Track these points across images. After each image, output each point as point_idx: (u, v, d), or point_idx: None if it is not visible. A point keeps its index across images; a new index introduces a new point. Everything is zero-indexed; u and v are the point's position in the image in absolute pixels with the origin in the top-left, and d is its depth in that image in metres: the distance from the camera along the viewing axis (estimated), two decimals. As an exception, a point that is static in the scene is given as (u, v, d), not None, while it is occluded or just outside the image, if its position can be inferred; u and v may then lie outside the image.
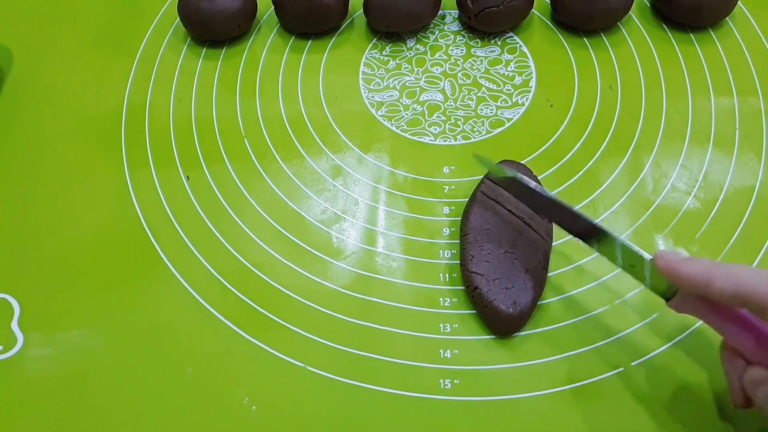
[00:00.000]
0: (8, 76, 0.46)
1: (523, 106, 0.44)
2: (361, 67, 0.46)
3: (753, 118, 0.43)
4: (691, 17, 0.46)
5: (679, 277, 0.28)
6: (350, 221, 0.39)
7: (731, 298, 0.26)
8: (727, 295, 0.26)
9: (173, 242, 0.38)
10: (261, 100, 0.45)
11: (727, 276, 0.26)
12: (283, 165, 0.41)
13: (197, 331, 0.35)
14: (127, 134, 0.43)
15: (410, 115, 0.44)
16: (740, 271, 0.26)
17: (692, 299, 0.29)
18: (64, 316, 0.36)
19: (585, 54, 0.46)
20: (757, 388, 0.27)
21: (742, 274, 0.26)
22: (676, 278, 0.28)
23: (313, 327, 0.35)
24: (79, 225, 0.39)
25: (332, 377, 0.34)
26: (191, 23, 0.45)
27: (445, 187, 0.40)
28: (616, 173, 0.41)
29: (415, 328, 0.35)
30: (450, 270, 0.37)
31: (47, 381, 0.34)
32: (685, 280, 0.28)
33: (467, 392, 0.33)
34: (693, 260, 0.28)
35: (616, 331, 0.35)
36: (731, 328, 0.28)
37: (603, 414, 0.32)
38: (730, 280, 0.26)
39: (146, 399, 0.33)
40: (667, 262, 0.28)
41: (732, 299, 0.26)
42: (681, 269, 0.28)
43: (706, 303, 0.28)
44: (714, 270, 0.27)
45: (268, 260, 0.38)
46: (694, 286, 0.27)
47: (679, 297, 0.29)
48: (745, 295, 0.26)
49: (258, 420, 0.33)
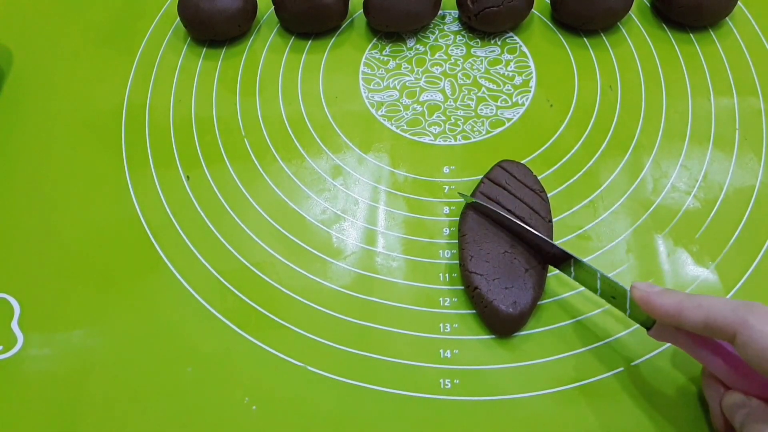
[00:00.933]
0: (8, 76, 0.46)
1: (523, 106, 0.44)
2: (361, 67, 0.46)
3: (753, 118, 0.43)
4: (691, 17, 0.46)
5: (653, 309, 0.29)
6: (350, 221, 0.39)
7: (703, 328, 0.27)
8: (698, 326, 0.27)
9: (173, 242, 0.38)
10: (261, 100, 0.45)
11: (697, 307, 0.27)
12: (283, 165, 0.42)
13: (197, 331, 0.35)
14: (127, 134, 0.43)
15: (410, 115, 0.44)
16: (709, 301, 0.27)
17: (669, 329, 0.30)
18: (64, 316, 0.36)
19: (585, 54, 0.46)
20: (734, 412, 0.28)
21: (710, 305, 0.27)
22: (650, 310, 0.29)
23: (313, 327, 0.35)
24: (79, 225, 0.39)
25: (332, 377, 0.34)
26: (191, 23, 0.45)
27: (445, 187, 0.40)
28: (616, 173, 0.41)
29: (415, 328, 0.35)
30: (450, 270, 0.37)
31: (47, 381, 0.34)
32: (659, 312, 0.29)
33: (467, 392, 0.33)
34: (666, 292, 0.29)
35: (616, 331, 0.35)
36: (707, 355, 0.29)
37: (603, 414, 0.32)
38: (700, 311, 0.27)
39: (146, 399, 0.33)
40: (642, 293, 0.30)
41: (703, 329, 0.27)
42: (655, 301, 0.29)
43: (682, 332, 0.30)
44: (685, 302, 0.28)
45: (268, 260, 0.38)
46: (668, 317, 0.29)
47: (657, 327, 0.30)
48: (713, 324, 0.27)
49: (258, 420, 0.33)
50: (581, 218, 0.39)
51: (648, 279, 0.36)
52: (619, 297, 0.32)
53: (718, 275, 0.36)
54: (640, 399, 0.33)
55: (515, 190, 0.37)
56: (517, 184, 0.37)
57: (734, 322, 0.26)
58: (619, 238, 0.38)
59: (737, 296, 0.36)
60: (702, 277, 0.36)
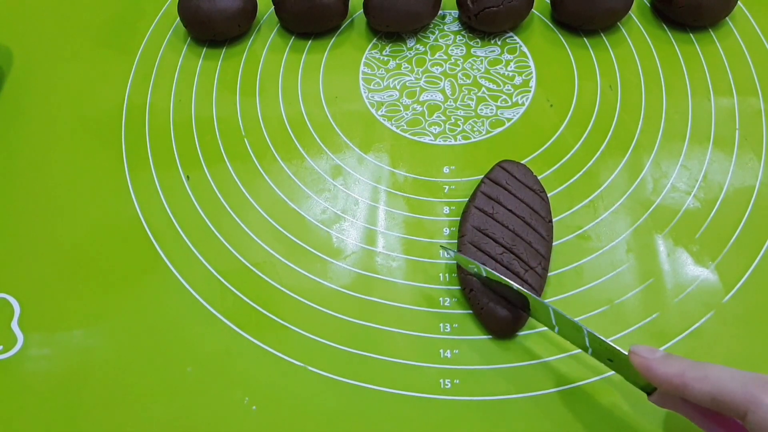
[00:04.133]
0: (8, 76, 0.46)
1: (523, 106, 0.44)
2: (361, 67, 0.46)
3: (753, 118, 0.43)
4: (691, 17, 0.46)
5: (654, 377, 0.27)
6: (350, 221, 0.39)
7: (710, 403, 0.25)
8: (704, 400, 0.25)
9: (173, 242, 0.38)
10: (261, 100, 0.45)
11: (703, 379, 0.25)
12: (283, 165, 0.42)
13: (197, 331, 0.35)
14: (127, 134, 0.43)
15: (410, 115, 0.44)
16: (716, 373, 0.25)
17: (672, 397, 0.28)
18: (64, 316, 0.36)
19: (585, 54, 0.46)
20: None
21: (717, 378, 0.25)
22: (651, 378, 0.27)
23: (313, 327, 0.35)
24: (79, 225, 0.39)
25: (332, 377, 0.34)
26: (191, 23, 0.45)
27: (445, 187, 0.40)
28: (616, 173, 0.41)
29: (415, 328, 0.35)
30: (450, 270, 0.37)
31: (47, 381, 0.34)
32: (661, 381, 0.27)
33: (467, 392, 0.33)
34: (668, 360, 0.27)
35: (616, 331, 0.35)
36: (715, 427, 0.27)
37: (602, 414, 0.32)
38: (706, 384, 0.25)
39: (146, 399, 0.33)
40: (643, 360, 0.27)
41: (710, 404, 0.25)
42: (656, 369, 0.27)
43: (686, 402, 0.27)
44: (689, 372, 0.26)
45: (268, 260, 0.38)
46: (671, 388, 0.27)
47: (659, 394, 0.29)
48: (721, 400, 0.25)
49: (258, 420, 0.33)
50: (581, 218, 0.39)
51: (648, 279, 0.36)
52: (616, 360, 0.29)
53: (718, 275, 0.36)
54: (640, 399, 0.33)
55: (515, 190, 0.37)
56: (517, 184, 0.37)
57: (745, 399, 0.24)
58: (619, 238, 0.38)
59: (738, 296, 0.36)
60: (702, 277, 0.36)
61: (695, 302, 0.35)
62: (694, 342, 0.34)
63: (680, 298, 0.36)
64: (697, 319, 0.35)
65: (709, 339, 0.34)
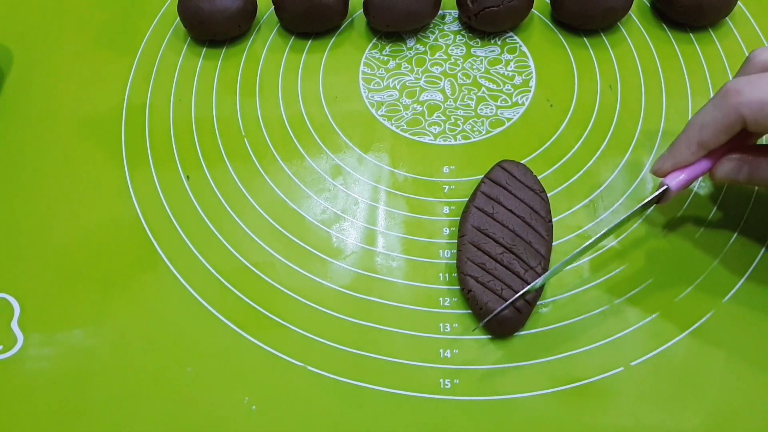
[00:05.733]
0: (8, 76, 0.46)
1: (523, 106, 0.44)
2: (361, 67, 0.46)
3: (753, 118, 0.43)
4: (691, 17, 0.46)
5: (663, 174, 0.34)
6: (350, 221, 0.39)
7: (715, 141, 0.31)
8: (699, 151, 0.32)
9: (173, 242, 0.38)
10: (261, 100, 0.45)
11: (686, 140, 0.32)
12: (283, 165, 0.42)
13: (197, 331, 0.35)
14: (127, 134, 0.43)
15: (410, 114, 0.44)
16: (687, 133, 0.32)
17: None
18: (64, 316, 0.36)
19: (585, 54, 0.46)
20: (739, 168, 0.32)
21: (691, 131, 0.32)
22: (662, 175, 0.34)
23: (313, 327, 0.35)
24: (79, 225, 0.39)
25: (332, 377, 0.34)
26: (191, 23, 0.45)
27: (445, 187, 0.40)
28: (616, 173, 0.41)
29: (415, 328, 0.35)
30: (450, 270, 0.37)
31: (47, 381, 0.34)
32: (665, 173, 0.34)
33: (467, 392, 0.33)
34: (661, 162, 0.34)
35: (616, 331, 0.35)
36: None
37: (603, 414, 0.32)
38: (692, 144, 0.32)
39: (146, 399, 0.33)
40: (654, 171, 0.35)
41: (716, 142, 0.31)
42: (660, 169, 0.34)
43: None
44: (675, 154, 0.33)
45: (268, 260, 0.38)
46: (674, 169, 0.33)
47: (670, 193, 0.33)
48: (710, 136, 0.31)
49: (258, 420, 0.33)
50: (581, 218, 0.39)
51: (647, 279, 0.36)
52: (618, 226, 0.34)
53: (718, 275, 0.36)
54: (640, 399, 0.33)
55: (515, 190, 0.37)
56: (517, 184, 0.37)
57: (728, 112, 0.29)
58: (619, 238, 0.38)
59: (739, 295, 0.36)
60: (702, 277, 0.36)
61: (695, 302, 0.35)
62: (694, 342, 0.34)
63: (680, 298, 0.36)
64: (697, 319, 0.35)
65: (709, 339, 0.34)
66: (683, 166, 0.33)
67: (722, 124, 0.30)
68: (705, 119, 0.31)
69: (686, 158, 0.32)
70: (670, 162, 0.33)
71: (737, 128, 0.30)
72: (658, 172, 0.34)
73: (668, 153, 0.34)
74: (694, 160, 0.33)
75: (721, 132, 0.31)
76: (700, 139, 0.31)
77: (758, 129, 0.30)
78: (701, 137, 0.31)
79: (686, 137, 0.32)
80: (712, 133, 0.31)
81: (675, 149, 0.33)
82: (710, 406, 0.32)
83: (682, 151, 0.32)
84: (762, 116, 0.29)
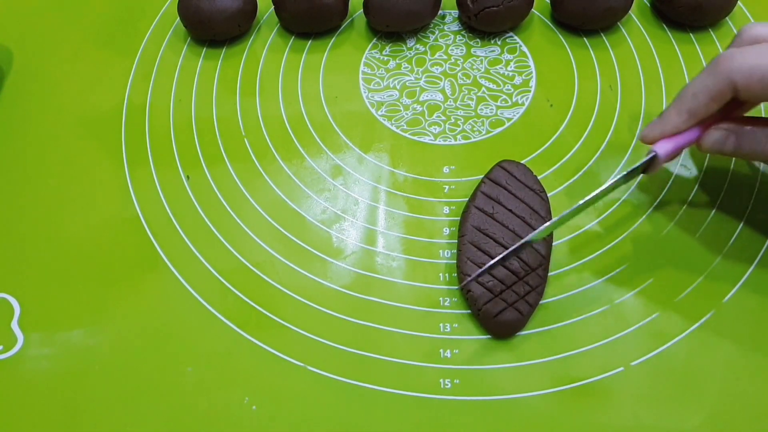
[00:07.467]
0: (8, 76, 0.46)
1: (523, 106, 0.44)
2: (361, 67, 0.46)
3: (753, 118, 0.43)
4: (691, 17, 0.46)
5: (651, 140, 0.33)
6: (350, 221, 0.39)
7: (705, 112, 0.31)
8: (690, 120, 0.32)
9: (173, 242, 0.38)
10: (261, 100, 0.45)
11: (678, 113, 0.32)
12: (283, 165, 0.42)
13: (197, 331, 0.35)
14: (127, 134, 0.43)
15: (410, 114, 0.44)
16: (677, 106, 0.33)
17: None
18: (64, 316, 0.36)
19: (585, 54, 0.46)
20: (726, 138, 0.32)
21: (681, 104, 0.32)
22: (650, 142, 0.34)
23: (313, 327, 0.35)
24: (79, 225, 0.39)
25: (332, 377, 0.34)
26: (191, 23, 0.45)
27: (445, 187, 0.40)
28: (615, 173, 0.41)
29: (415, 328, 0.35)
30: (450, 270, 0.37)
31: (47, 381, 0.34)
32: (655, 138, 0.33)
33: (467, 392, 0.33)
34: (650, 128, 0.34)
35: (616, 331, 0.35)
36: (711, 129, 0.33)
37: (603, 414, 0.32)
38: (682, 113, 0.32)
39: (146, 399, 0.33)
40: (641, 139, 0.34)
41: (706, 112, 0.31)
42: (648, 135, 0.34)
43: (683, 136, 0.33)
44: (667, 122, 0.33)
45: (268, 260, 0.38)
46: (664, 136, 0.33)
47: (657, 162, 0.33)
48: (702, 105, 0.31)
49: (258, 420, 0.33)
50: (581, 218, 0.39)
51: (648, 278, 0.36)
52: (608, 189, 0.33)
53: (718, 275, 0.36)
54: (640, 399, 0.33)
55: (515, 190, 0.37)
56: (517, 184, 0.37)
57: (719, 79, 0.29)
58: (618, 238, 0.38)
59: (739, 295, 0.36)
60: (702, 277, 0.36)
61: (695, 302, 0.36)
62: (694, 342, 0.34)
63: (680, 298, 0.36)
64: (697, 319, 0.35)
65: (709, 339, 0.34)
66: (672, 134, 0.33)
67: (713, 91, 0.30)
68: (696, 87, 0.31)
69: (676, 126, 0.32)
70: (659, 129, 0.33)
71: (728, 95, 0.30)
72: (646, 139, 0.34)
73: (658, 120, 0.33)
74: (684, 128, 0.32)
75: (712, 99, 0.30)
76: (691, 107, 0.31)
77: (749, 96, 0.30)
78: (692, 105, 0.31)
79: (677, 105, 0.32)
80: (702, 101, 0.31)
81: (665, 117, 0.33)
82: (710, 406, 0.32)
83: (672, 119, 0.32)
84: (753, 82, 0.29)
